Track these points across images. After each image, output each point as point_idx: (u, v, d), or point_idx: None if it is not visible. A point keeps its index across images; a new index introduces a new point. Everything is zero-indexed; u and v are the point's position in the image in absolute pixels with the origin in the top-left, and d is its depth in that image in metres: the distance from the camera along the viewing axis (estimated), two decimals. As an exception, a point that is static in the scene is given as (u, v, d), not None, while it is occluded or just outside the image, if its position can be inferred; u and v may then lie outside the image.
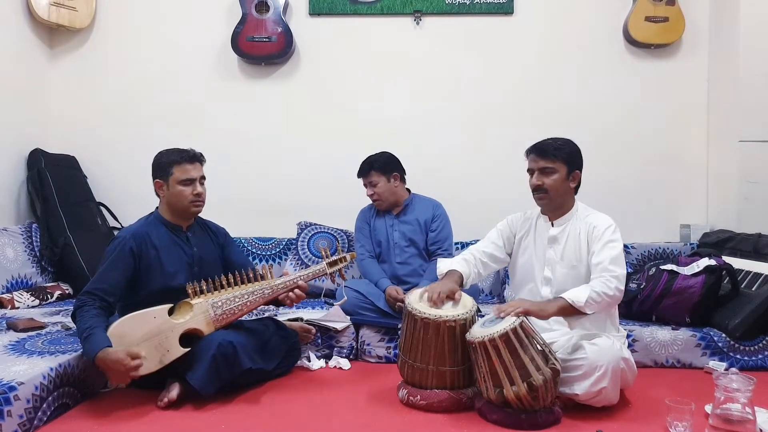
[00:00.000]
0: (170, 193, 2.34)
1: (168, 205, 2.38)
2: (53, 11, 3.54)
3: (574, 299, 2.07)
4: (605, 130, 3.69)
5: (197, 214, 2.45)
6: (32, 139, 3.58)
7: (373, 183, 3.01)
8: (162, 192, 2.36)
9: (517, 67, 3.73)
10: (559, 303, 2.12)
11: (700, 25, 3.66)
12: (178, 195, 2.33)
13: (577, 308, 2.07)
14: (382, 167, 3.02)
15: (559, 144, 2.26)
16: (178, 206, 2.36)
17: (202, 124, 3.75)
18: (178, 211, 2.38)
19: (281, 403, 2.19)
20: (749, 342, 2.63)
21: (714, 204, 3.66)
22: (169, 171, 2.33)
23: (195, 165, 2.37)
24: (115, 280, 2.21)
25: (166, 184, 2.34)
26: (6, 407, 1.77)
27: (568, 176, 2.24)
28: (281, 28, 3.60)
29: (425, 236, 3.05)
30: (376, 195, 3.03)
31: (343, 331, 2.75)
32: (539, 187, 2.24)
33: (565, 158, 2.23)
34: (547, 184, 2.22)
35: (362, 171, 3.06)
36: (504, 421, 1.96)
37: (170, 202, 2.36)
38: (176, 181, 2.32)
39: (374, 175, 3.01)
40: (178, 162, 2.33)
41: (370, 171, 3.02)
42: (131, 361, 1.99)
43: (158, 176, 2.35)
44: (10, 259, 3.08)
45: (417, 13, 3.71)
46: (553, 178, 2.22)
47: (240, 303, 2.30)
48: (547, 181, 2.22)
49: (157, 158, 2.38)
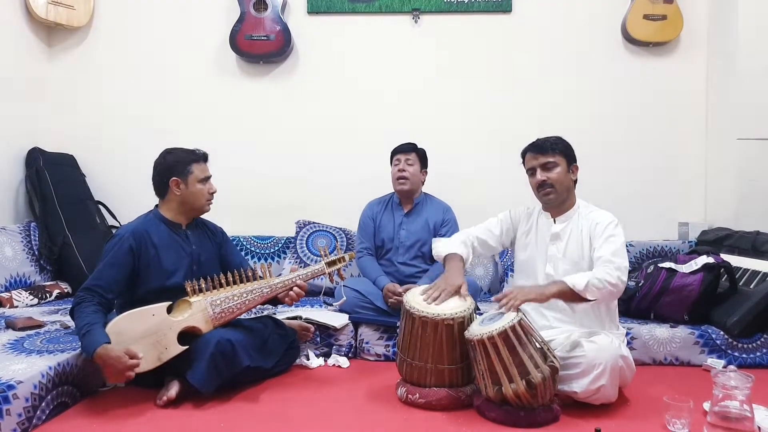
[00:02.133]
0: (188, 192, 2.35)
1: (181, 204, 2.37)
2: (51, 10, 3.53)
3: (575, 283, 2.07)
4: (603, 128, 3.69)
5: (207, 212, 2.46)
6: (30, 138, 3.57)
7: (411, 162, 3.02)
8: (178, 190, 2.34)
9: (515, 66, 3.74)
10: (559, 286, 2.11)
11: (698, 23, 3.67)
12: (196, 194, 2.35)
13: (578, 293, 2.07)
14: (422, 156, 3.09)
15: (553, 140, 2.29)
16: (194, 204, 2.37)
17: (200, 122, 3.75)
18: (190, 209, 2.39)
19: (280, 401, 2.20)
20: (747, 339, 2.64)
21: (712, 202, 3.67)
22: (189, 170, 2.34)
23: (207, 165, 2.42)
24: (114, 277, 2.21)
25: (185, 183, 2.34)
26: (5, 406, 1.77)
27: (569, 169, 2.27)
28: (280, 27, 3.60)
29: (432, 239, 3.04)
30: (407, 173, 3.00)
31: (342, 330, 2.75)
32: (544, 182, 2.25)
33: (563, 152, 2.26)
34: (552, 179, 2.24)
35: (404, 148, 3.05)
36: (503, 419, 1.96)
37: (185, 200, 2.36)
38: (196, 180, 2.35)
39: (414, 157, 3.04)
40: (197, 161, 2.37)
41: (413, 151, 3.05)
42: (129, 359, 1.99)
43: (176, 174, 2.33)
44: (9, 257, 3.08)
45: (415, 11, 3.71)
46: (556, 171, 2.24)
47: (239, 301, 2.31)
48: (551, 176, 2.24)
49: (170, 157, 2.36)
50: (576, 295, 2.08)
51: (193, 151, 2.40)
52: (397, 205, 3.12)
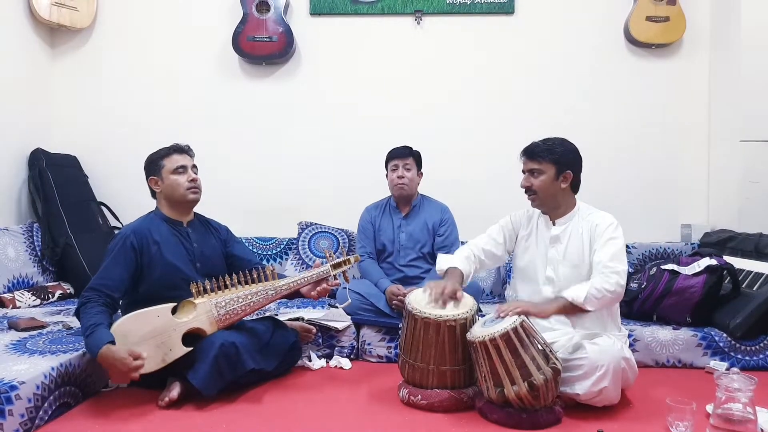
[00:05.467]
0: (165, 185, 2.37)
1: (166, 199, 2.40)
2: (54, 11, 3.54)
3: (574, 297, 2.09)
4: (606, 130, 3.69)
5: (196, 202, 2.45)
6: (33, 139, 3.58)
7: (408, 167, 3.00)
8: (158, 187, 2.39)
9: (517, 67, 3.73)
10: (559, 302, 2.13)
11: (701, 24, 3.66)
12: (173, 185, 2.36)
13: (578, 306, 2.09)
14: (418, 159, 3.07)
15: (548, 145, 2.25)
16: (175, 196, 2.38)
17: (202, 124, 3.75)
18: (176, 202, 2.40)
19: (282, 402, 2.19)
20: (750, 342, 2.63)
21: (715, 204, 3.66)
22: (160, 164, 2.38)
23: (183, 155, 2.42)
24: (118, 276, 2.21)
25: (160, 178, 2.37)
26: (7, 406, 1.78)
27: (558, 177, 2.23)
28: (282, 28, 3.60)
29: (432, 239, 3.03)
30: (406, 179, 2.99)
31: (344, 331, 2.75)
32: (528, 188, 2.28)
33: (554, 159, 2.23)
34: (535, 185, 2.25)
35: (401, 153, 3.03)
36: (505, 421, 1.96)
37: (167, 194, 2.38)
38: (169, 172, 2.36)
39: (411, 160, 3.03)
40: (167, 154, 2.40)
41: (410, 155, 3.03)
42: (133, 361, 1.99)
43: (151, 173, 2.40)
44: (12, 258, 3.09)
45: (418, 12, 3.72)
46: (540, 179, 2.24)
47: (243, 303, 2.31)
48: (534, 182, 2.25)
49: (147, 159, 2.44)
50: (577, 307, 2.10)
51: (167, 146, 2.43)
52: (395, 208, 3.11)
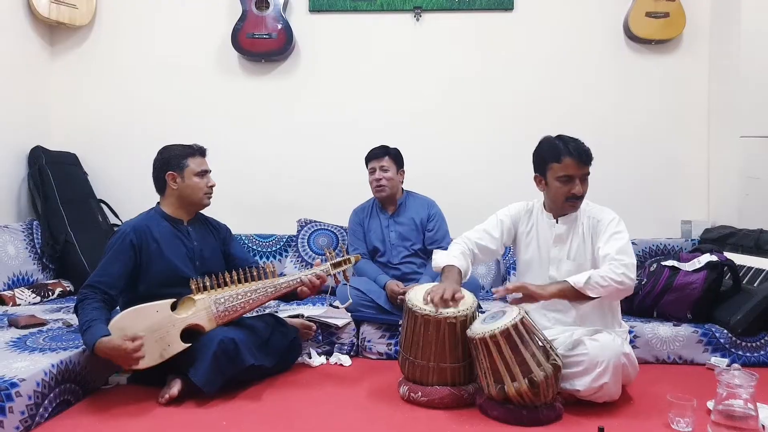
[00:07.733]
0: (185, 185, 2.35)
1: (179, 198, 2.38)
2: (53, 9, 3.54)
3: (576, 280, 2.05)
4: (606, 126, 3.68)
5: (207, 206, 2.45)
6: (33, 137, 3.58)
7: (385, 168, 2.98)
8: (175, 184, 2.35)
9: (517, 64, 3.73)
10: (560, 284, 2.10)
11: (700, 20, 3.65)
12: (193, 187, 2.36)
13: (578, 290, 2.05)
14: (396, 158, 3.03)
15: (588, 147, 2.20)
16: (192, 198, 2.37)
17: (202, 121, 3.75)
18: (189, 203, 2.39)
19: (282, 399, 2.19)
20: (751, 338, 2.63)
21: (715, 200, 3.66)
22: (184, 163, 2.35)
23: (204, 159, 2.42)
24: (117, 273, 2.21)
25: (181, 176, 2.35)
26: (8, 404, 1.78)
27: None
28: (281, 25, 3.60)
29: (422, 235, 3.02)
30: (384, 180, 2.97)
31: (344, 328, 2.75)
32: (581, 195, 2.18)
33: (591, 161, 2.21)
34: (585, 191, 2.19)
35: (377, 154, 3.01)
36: (505, 417, 1.96)
37: (183, 194, 2.36)
38: (193, 173, 2.35)
39: (388, 161, 2.99)
40: (193, 154, 2.38)
41: (386, 155, 3.00)
42: (130, 343, 1.99)
43: (171, 168, 2.35)
44: (12, 256, 3.08)
45: (417, 9, 3.71)
46: (587, 183, 2.19)
47: (243, 300, 2.30)
48: (586, 188, 2.19)
49: (166, 151, 2.39)
50: (578, 293, 2.06)
51: (190, 145, 2.41)
52: (381, 208, 3.09)
